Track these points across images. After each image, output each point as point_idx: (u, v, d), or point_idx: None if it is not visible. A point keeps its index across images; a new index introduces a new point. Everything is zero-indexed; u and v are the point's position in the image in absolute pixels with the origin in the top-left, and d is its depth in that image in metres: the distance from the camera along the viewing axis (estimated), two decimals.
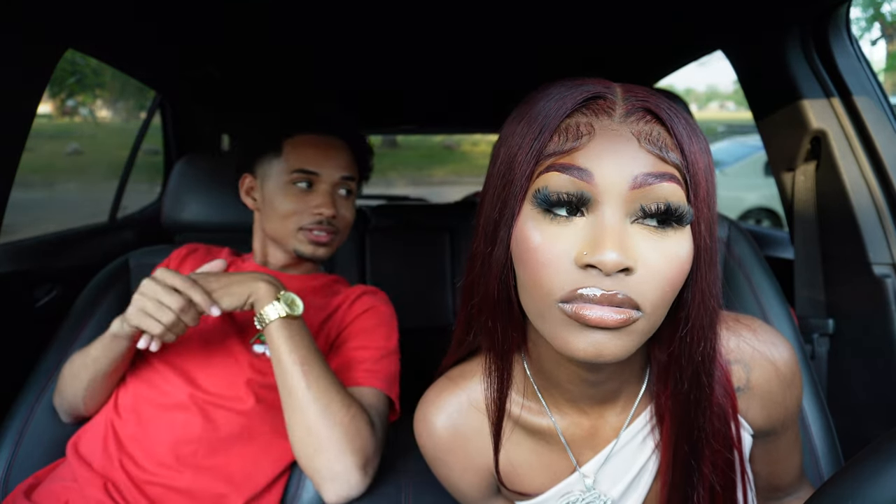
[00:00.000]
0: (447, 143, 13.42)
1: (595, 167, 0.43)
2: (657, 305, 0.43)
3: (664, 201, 0.42)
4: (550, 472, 0.58)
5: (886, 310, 0.91)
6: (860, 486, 0.35)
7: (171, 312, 0.74)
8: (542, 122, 0.45)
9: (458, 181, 10.34)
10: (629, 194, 0.42)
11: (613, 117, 0.44)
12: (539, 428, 0.57)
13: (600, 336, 0.43)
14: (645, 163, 0.43)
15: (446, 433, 0.59)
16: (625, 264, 0.41)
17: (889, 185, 0.94)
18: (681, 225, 0.44)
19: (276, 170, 0.94)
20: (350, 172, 0.95)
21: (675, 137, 0.44)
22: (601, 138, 0.43)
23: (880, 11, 7.79)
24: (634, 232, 0.43)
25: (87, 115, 9.23)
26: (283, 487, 0.84)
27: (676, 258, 0.43)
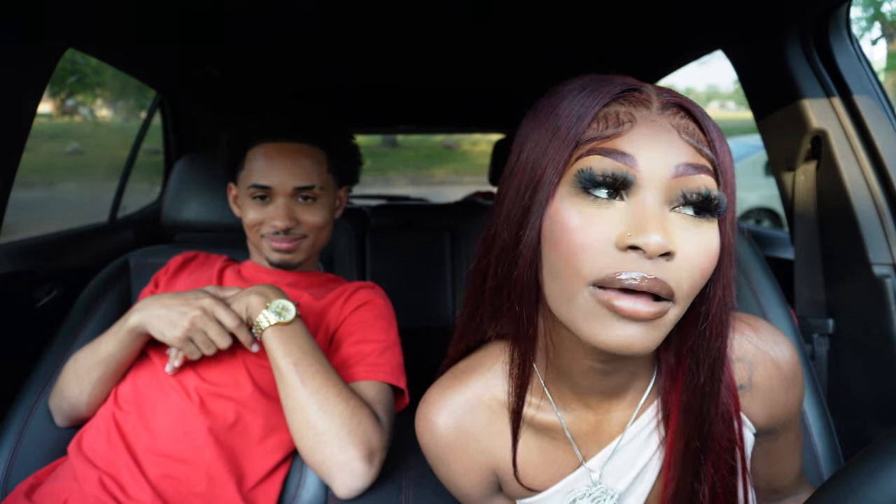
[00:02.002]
0: (447, 143, 13.42)
1: (638, 153, 0.43)
2: (687, 295, 0.44)
3: (704, 189, 0.43)
4: (555, 468, 0.58)
5: (886, 310, 0.91)
6: (860, 486, 0.35)
7: (215, 347, 0.80)
8: (580, 111, 0.45)
9: (459, 181, 10.35)
10: (670, 182, 0.43)
11: (651, 109, 0.45)
12: (544, 424, 0.57)
13: (633, 329, 0.42)
14: (685, 153, 0.44)
15: (449, 432, 0.58)
16: (668, 248, 0.41)
17: (889, 185, 0.94)
18: (714, 217, 0.44)
19: (242, 182, 0.97)
20: (307, 182, 0.94)
21: (707, 135, 0.45)
22: (643, 127, 0.44)
23: (880, 11, 7.79)
24: (672, 219, 0.43)
25: (87, 115, 9.23)
26: (282, 478, 0.85)
27: (708, 249, 0.44)
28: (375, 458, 0.76)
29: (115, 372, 0.86)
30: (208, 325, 0.79)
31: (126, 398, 0.85)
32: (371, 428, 0.76)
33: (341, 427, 0.74)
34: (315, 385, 0.76)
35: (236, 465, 0.81)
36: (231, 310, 0.81)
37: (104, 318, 1.07)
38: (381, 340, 0.90)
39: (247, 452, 0.83)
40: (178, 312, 0.79)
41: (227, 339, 0.80)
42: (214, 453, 0.80)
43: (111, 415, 0.84)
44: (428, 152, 13.40)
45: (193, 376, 0.85)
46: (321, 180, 0.96)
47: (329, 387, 0.76)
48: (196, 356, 0.81)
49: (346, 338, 0.91)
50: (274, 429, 0.85)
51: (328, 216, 0.99)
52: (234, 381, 0.85)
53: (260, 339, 0.81)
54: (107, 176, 4.13)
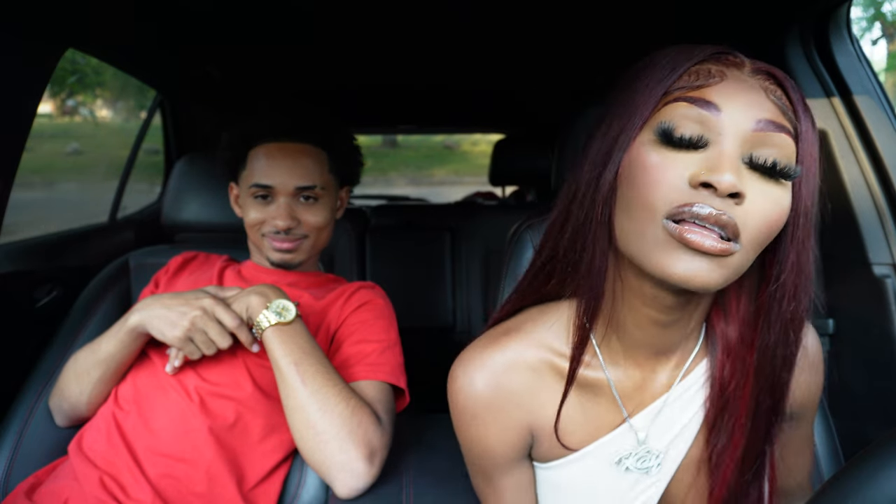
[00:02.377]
0: (447, 143, 13.41)
1: (723, 104, 0.45)
2: (753, 242, 0.45)
3: (779, 150, 0.45)
4: (592, 426, 0.58)
5: (886, 310, 0.91)
6: (860, 486, 0.35)
7: (215, 347, 0.80)
8: (673, 65, 0.48)
9: (459, 181, 10.34)
10: (751, 135, 0.45)
11: (742, 70, 0.47)
12: (589, 381, 0.58)
13: (699, 262, 0.44)
14: (769, 111, 0.45)
15: (488, 390, 0.58)
16: (738, 188, 0.43)
17: (889, 185, 0.94)
18: (786, 180, 0.46)
19: (244, 181, 0.97)
20: (308, 182, 0.94)
21: (794, 104, 0.47)
22: (732, 81, 0.46)
23: (881, 11, 7.79)
24: (748, 171, 0.45)
25: (87, 115, 9.23)
26: (282, 478, 0.85)
27: (778, 204, 0.46)
28: (376, 458, 0.76)
29: (116, 372, 0.86)
30: (209, 325, 0.79)
31: (126, 398, 0.85)
32: (371, 428, 0.76)
33: (342, 427, 0.74)
34: (315, 385, 0.76)
35: (236, 465, 0.81)
36: (231, 310, 0.81)
37: (104, 318, 1.07)
38: (382, 340, 0.90)
39: (247, 452, 0.83)
40: (179, 312, 0.79)
41: (227, 339, 0.80)
42: (214, 453, 0.80)
43: (111, 414, 0.84)
44: (428, 152, 13.40)
45: (194, 376, 0.85)
46: (322, 180, 0.96)
47: (329, 386, 0.76)
48: (196, 356, 0.81)
49: (346, 338, 0.91)
50: (274, 429, 0.85)
51: (329, 216, 0.99)
52: (234, 380, 0.85)
53: (260, 339, 0.81)
54: (107, 176, 4.13)
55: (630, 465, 0.58)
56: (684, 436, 0.58)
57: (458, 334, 2.00)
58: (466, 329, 2.00)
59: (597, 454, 0.58)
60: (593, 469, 0.59)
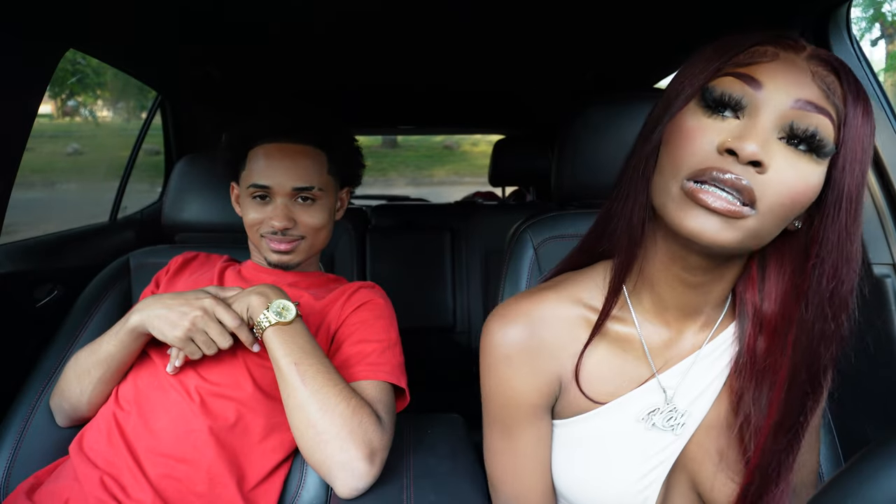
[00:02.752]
0: (447, 143, 13.41)
1: (766, 81, 0.48)
2: (771, 209, 0.48)
3: (814, 127, 0.47)
4: (622, 379, 0.61)
5: (886, 310, 0.90)
6: (860, 486, 0.35)
7: (216, 347, 0.80)
8: (733, 43, 0.51)
9: (459, 181, 10.35)
10: (787, 112, 0.48)
11: (800, 54, 0.50)
12: (619, 335, 0.61)
13: (709, 221, 0.48)
14: (811, 93, 0.48)
15: (523, 336, 0.61)
16: (759, 157, 0.46)
17: (889, 185, 0.94)
18: (819, 157, 0.48)
19: (243, 181, 0.98)
20: (306, 182, 0.94)
21: (846, 93, 0.49)
22: (782, 62, 0.49)
23: (880, 11, 7.79)
24: (779, 143, 0.48)
25: (87, 116, 9.23)
26: (283, 478, 0.85)
27: (804, 178, 0.48)
28: (377, 458, 0.76)
29: (116, 372, 0.86)
30: (209, 325, 0.79)
31: (127, 398, 0.85)
32: (372, 427, 0.76)
33: (342, 426, 0.74)
34: (316, 385, 0.76)
35: (237, 465, 0.81)
36: (232, 310, 0.81)
37: (105, 317, 1.07)
38: (382, 340, 0.90)
39: (247, 452, 0.83)
40: (179, 312, 0.79)
41: (228, 340, 0.80)
42: (215, 453, 0.80)
43: (112, 415, 0.84)
44: (428, 153, 13.39)
45: (194, 376, 0.85)
46: (320, 181, 0.96)
47: (330, 386, 0.76)
48: (197, 356, 0.81)
49: (346, 338, 0.91)
50: (275, 429, 0.85)
51: (327, 217, 0.99)
52: (234, 380, 0.85)
53: (261, 339, 0.81)
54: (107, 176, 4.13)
55: (657, 423, 0.60)
56: (706, 396, 0.60)
57: (458, 334, 2.00)
58: (466, 329, 2.00)
59: (623, 409, 0.60)
60: (619, 425, 0.60)
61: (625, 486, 0.60)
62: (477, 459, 0.84)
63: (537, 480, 0.64)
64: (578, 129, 0.99)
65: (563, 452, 0.63)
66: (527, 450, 0.64)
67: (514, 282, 0.93)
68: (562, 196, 1.04)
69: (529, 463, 0.64)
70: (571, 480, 0.63)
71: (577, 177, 1.00)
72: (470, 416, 1.01)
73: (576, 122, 1.00)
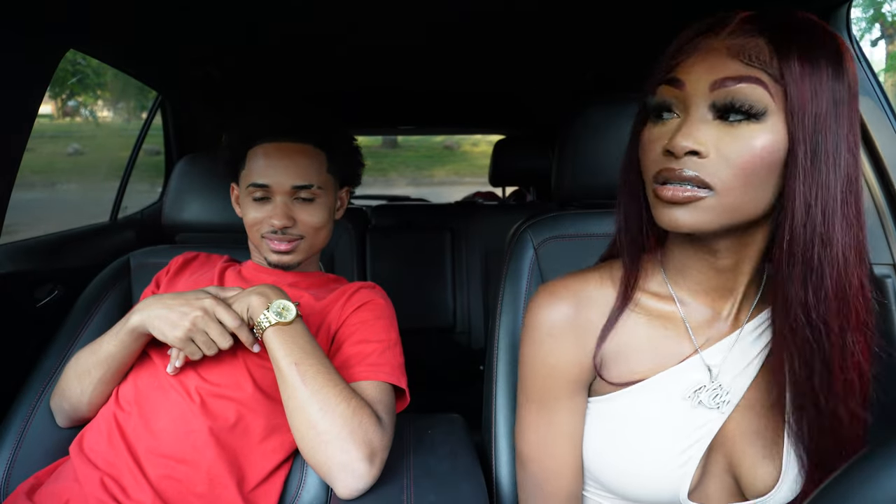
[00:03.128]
0: (447, 143, 13.41)
1: (686, 77, 0.53)
2: (729, 185, 0.52)
3: (731, 98, 0.51)
4: (663, 355, 0.63)
5: (886, 310, 0.90)
6: (860, 486, 0.35)
7: (216, 347, 0.80)
8: (666, 54, 0.57)
9: (459, 181, 10.35)
10: (710, 95, 0.52)
11: (720, 34, 0.53)
12: (660, 312, 0.64)
13: (677, 212, 0.53)
14: (728, 69, 0.51)
15: (569, 311, 0.64)
16: (690, 148, 0.52)
17: (889, 185, 0.94)
18: (756, 119, 0.51)
19: (243, 181, 0.98)
20: (305, 181, 0.94)
21: (776, 51, 0.50)
22: (699, 52, 0.54)
23: (880, 11, 7.78)
24: (714, 125, 0.52)
25: (88, 116, 9.23)
26: (283, 479, 0.85)
27: (747, 144, 0.51)
28: (377, 459, 0.76)
29: (117, 372, 0.86)
30: (209, 325, 0.79)
31: (127, 398, 0.85)
32: (372, 428, 0.76)
33: (343, 427, 0.74)
34: (316, 385, 0.76)
35: (237, 466, 0.81)
36: (232, 310, 0.81)
37: (105, 317, 1.07)
38: (382, 340, 0.90)
39: (248, 453, 0.83)
40: (180, 313, 0.79)
41: (228, 340, 0.80)
42: (215, 454, 0.80)
43: (112, 415, 0.84)
44: (428, 153, 13.40)
45: (194, 377, 0.85)
46: (319, 180, 0.96)
47: (330, 387, 0.76)
48: (197, 356, 0.81)
49: (346, 338, 0.91)
50: (275, 429, 0.85)
51: (326, 217, 0.99)
52: (235, 381, 0.85)
53: (261, 339, 0.81)
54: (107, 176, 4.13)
55: (704, 400, 0.61)
56: (746, 374, 0.61)
57: (458, 334, 2.00)
58: (466, 329, 2.00)
59: (666, 386, 0.62)
60: (663, 402, 0.62)
61: (663, 463, 0.60)
62: (477, 459, 0.84)
63: (569, 457, 0.66)
64: (578, 129, 0.99)
65: (601, 429, 0.65)
66: (562, 426, 0.66)
67: (515, 282, 0.93)
68: (562, 196, 1.04)
69: (563, 439, 0.66)
70: (607, 459, 0.64)
71: (578, 177, 1.00)
72: (470, 416, 1.01)
73: (576, 122, 1.00)
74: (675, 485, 0.60)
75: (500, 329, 0.91)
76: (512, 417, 0.88)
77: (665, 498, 0.61)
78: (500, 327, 0.91)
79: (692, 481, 0.60)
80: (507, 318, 0.91)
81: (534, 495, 0.69)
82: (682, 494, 0.60)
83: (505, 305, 0.92)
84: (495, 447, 0.87)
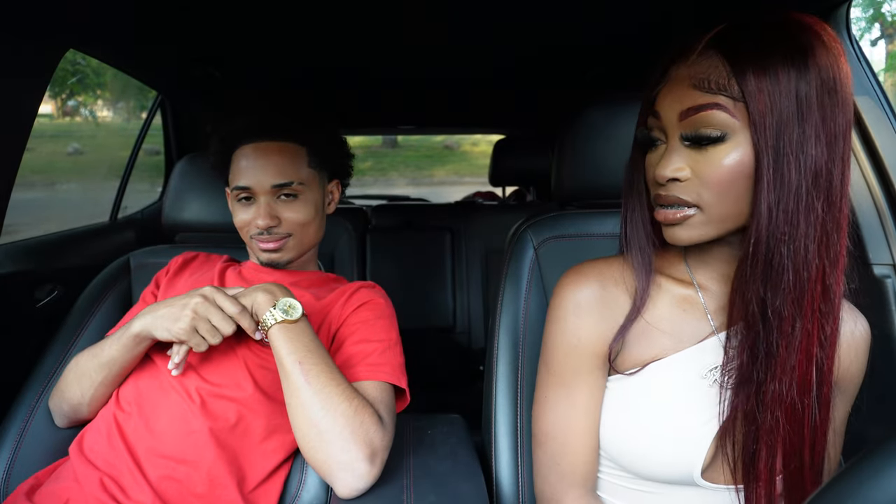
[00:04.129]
0: (447, 142, 13.41)
1: (661, 107, 0.59)
2: (710, 202, 0.57)
3: (696, 130, 0.56)
4: (680, 336, 0.66)
5: (886, 310, 0.90)
6: (860, 486, 0.35)
7: (220, 335, 0.79)
8: (653, 75, 0.62)
9: (459, 181, 10.35)
10: (679, 125, 0.57)
11: (688, 60, 0.58)
12: (682, 295, 0.67)
13: (674, 230, 0.60)
14: (690, 99, 0.56)
15: (595, 290, 0.68)
16: (669, 176, 0.58)
17: (889, 185, 0.94)
18: (722, 141, 0.55)
19: (230, 185, 0.99)
20: (284, 178, 0.95)
21: (733, 69, 0.54)
22: (669, 83, 0.59)
23: (880, 11, 7.78)
24: (688, 151, 0.58)
25: (87, 116, 9.23)
26: (283, 479, 0.85)
27: (719, 165, 0.55)
28: (377, 458, 0.76)
29: (118, 375, 0.86)
30: (210, 311, 0.78)
31: (127, 399, 0.85)
32: (373, 428, 0.76)
33: (344, 426, 0.74)
34: (319, 384, 0.76)
35: (237, 466, 0.81)
36: (231, 297, 0.81)
37: (105, 317, 1.07)
38: (383, 340, 0.90)
39: (248, 453, 0.83)
40: (180, 305, 0.79)
41: (230, 325, 0.79)
42: (215, 454, 0.80)
43: (112, 416, 0.84)
44: (428, 153, 13.39)
45: (195, 377, 0.85)
46: (300, 176, 0.97)
47: (333, 385, 0.76)
48: (203, 347, 0.80)
49: (347, 337, 0.91)
50: (275, 430, 0.85)
51: (312, 212, 0.99)
52: (235, 381, 0.85)
53: (266, 337, 0.81)
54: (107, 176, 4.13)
55: (719, 379, 0.62)
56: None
57: (457, 334, 2.00)
58: (466, 329, 2.00)
59: (684, 365, 0.64)
60: (681, 380, 0.64)
61: (679, 440, 0.62)
62: (477, 459, 0.84)
63: (586, 436, 0.68)
64: (578, 129, 0.99)
65: (621, 406, 0.67)
66: (581, 403, 0.68)
67: (515, 282, 0.93)
68: (562, 196, 1.04)
69: (581, 416, 0.68)
70: (625, 436, 0.65)
71: (577, 177, 1.00)
72: (470, 416, 1.01)
73: (576, 122, 1.00)
74: (689, 463, 0.62)
75: (501, 329, 0.91)
76: (512, 417, 0.88)
77: (679, 475, 0.63)
78: (500, 327, 0.91)
79: (705, 460, 0.62)
80: (507, 318, 0.91)
81: (550, 474, 0.70)
82: (696, 472, 0.62)
83: (505, 305, 0.92)
84: (495, 447, 0.87)
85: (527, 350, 0.89)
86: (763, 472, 0.60)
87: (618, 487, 0.69)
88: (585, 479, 0.69)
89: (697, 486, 0.63)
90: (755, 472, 0.60)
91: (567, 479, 0.68)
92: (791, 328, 0.57)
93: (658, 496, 0.66)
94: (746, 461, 0.60)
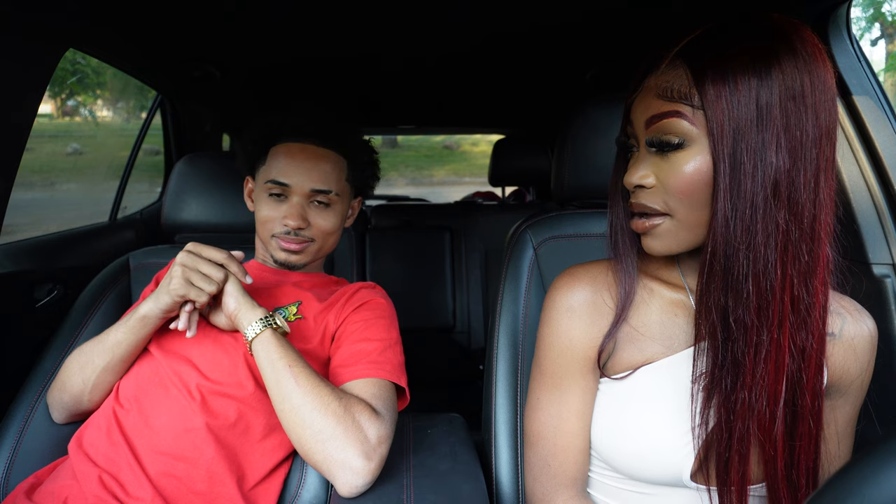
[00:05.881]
0: (447, 143, 13.42)
1: (634, 117, 0.61)
2: (675, 208, 0.58)
3: (658, 137, 0.58)
4: (671, 340, 0.66)
5: (886, 310, 0.90)
6: (860, 486, 0.35)
7: (215, 282, 0.81)
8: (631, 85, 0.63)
9: (459, 181, 10.36)
10: (645, 133, 0.59)
11: (655, 73, 0.59)
12: (673, 300, 0.67)
13: (647, 239, 0.62)
14: (653, 107, 0.58)
15: (587, 292, 0.69)
16: (636, 183, 0.60)
17: (889, 185, 0.94)
18: (682, 148, 0.56)
19: (261, 177, 0.98)
20: (324, 186, 0.95)
21: (694, 79, 0.55)
22: (639, 94, 0.61)
23: (880, 11, 7.78)
24: (654, 158, 0.59)
25: (87, 116, 9.22)
26: (283, 477, 0.85)
27: (679, 171, 0.57)
28: (375, 455, 0.75)
29: (122, 361, 0.86)
30: (198, 261, 0.81)
31: (127, 395, 0.85)
32: (368, 424, 0.76)
33: (337, 424, 0.74)
34: (309, 385, 0.76)
35: (237, 464, 0.81)
36: (214, 248, 0.83)
37: (104, 317, 1.07)
38: (383, 339, 0.90)
39: (248, 451, 0.83)
40: (170, 273, 0.81)
41: (220, 271, 0.82)
42: (215, 452, 0.80)
43: (112, 412, 0.84)
44: (428, 153, 13.40)
45: (195, 374, 0.85)
46: (338, 187, 0.98)
47: (322, 386, 0.77)
48: (203, 298, 0.81)
49: (347, 337, 0.91)
50: (275, 428, 0.85)
51: (339, 223, 1.00)
52: (236, 379, 0.85)
53: (257, 337, 0.82)
54: (107, 176, 4.13)
55: (692, 387, 0.62)
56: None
57: (457, 334, 2.00)
58: (466, 329, 2.00)
59: (676, 369, 0.64)
60: (672, 383, 0.64)
61: (669, 443, 0.62)
62: (477, 459, 0.84)
63: (577, 437, 0.68)
64: (578, 129, 1.00)
65: (612, 408, 0.66)
66: (573, 404, 0.68)
67: (514, 282, 0.93)
68: (562, 196, 1.04)
69: (573, 418, 0.68)
70: (616, 438, 0.65)
71: (577, 177, 1.00)
72: (470, 416, 1.01)
73: (576, 122, 1.00)
74: (678, 465, 0.62)
75: (500, 329, 0.91)
76: (512, 417, 0.88)
77: (668, 477, 0.63)
78: (500, 327, 0.91)
79: (694, 463, 0.62)
80: (506, 318, 0.92)
81: (541, 474, 0.70)
82: (685, 475, 0.62)
83: (504, 305, 0.92)
84: (495, 447, 0.87)
85: (526, 350, 0.89)
86: (734, 479, 0.59)
87: (610, 488, 0.69)
88: (576, 479, 0.69)
89: (687, 487, 0.63)
90: (728, 479, 0.59)
91: (558, 480, 0.69)
92: (756, 338, 0.56)
93: (649, 497, 0.66)
94: (720, 468, 0.60)
